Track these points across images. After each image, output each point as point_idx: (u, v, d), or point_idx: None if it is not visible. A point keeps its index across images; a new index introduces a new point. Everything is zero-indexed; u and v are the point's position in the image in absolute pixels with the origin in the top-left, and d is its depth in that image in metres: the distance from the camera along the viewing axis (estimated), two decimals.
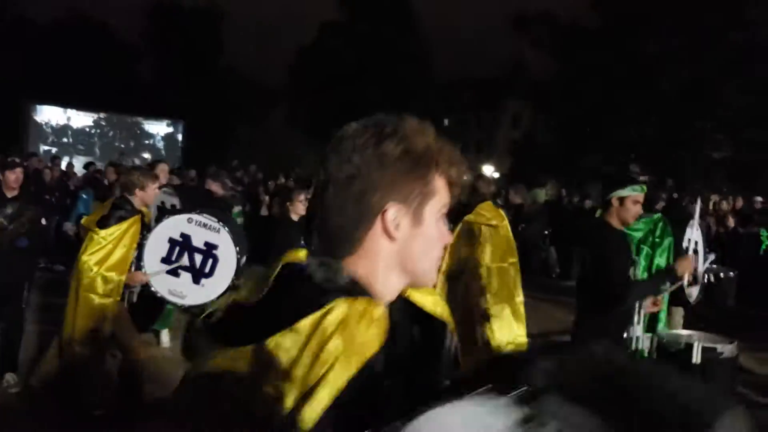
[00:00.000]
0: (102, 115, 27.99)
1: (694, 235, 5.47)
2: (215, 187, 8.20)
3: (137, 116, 29.15)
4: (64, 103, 27.22)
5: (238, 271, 4.75)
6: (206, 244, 4.81)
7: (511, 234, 5.86)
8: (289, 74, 39.11)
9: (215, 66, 36.96)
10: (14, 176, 5.44)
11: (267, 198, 13.32)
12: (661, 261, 5.30)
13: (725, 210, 12.60)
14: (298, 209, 5.49)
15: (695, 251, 5.51)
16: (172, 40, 35.32)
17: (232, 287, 4.54)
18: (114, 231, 4.62)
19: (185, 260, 4.76)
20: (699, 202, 5.66)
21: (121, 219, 4.71)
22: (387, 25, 34.03)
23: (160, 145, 29.05)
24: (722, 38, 25.40)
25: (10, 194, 5.45)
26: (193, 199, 6.96)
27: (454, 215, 5.74)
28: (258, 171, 18.67)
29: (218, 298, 4.13)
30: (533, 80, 35.10)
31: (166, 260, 4.78)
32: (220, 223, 4.86)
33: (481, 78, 46.91)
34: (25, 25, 33.26)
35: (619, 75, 26.91)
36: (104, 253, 4.55)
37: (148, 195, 4.89)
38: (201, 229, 4.81)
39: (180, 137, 29.50)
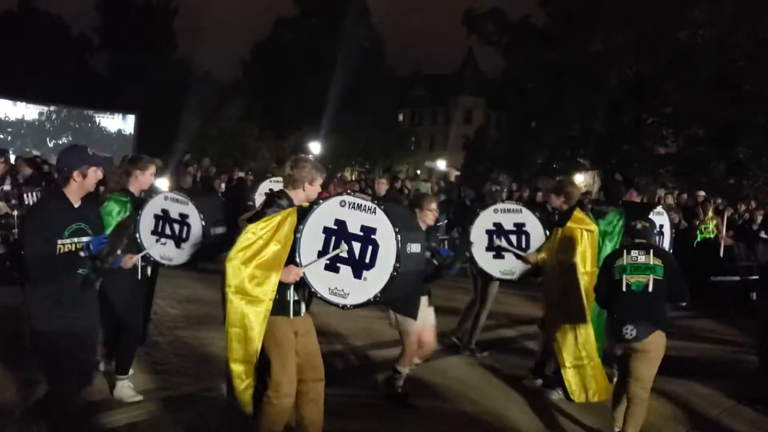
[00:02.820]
0: (53, 107, 27.39)
1: (661, 219, 6.74)
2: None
3: (89, 109, 28.62)
4: (15, 95, 26.57)
5: (398, 258, 3.99)
6: (363, 228, 4.14)
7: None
8: (243, 69, 38.91)
9: (168, 60, 36.56)
10: None
11: (224, 190, 13.58)
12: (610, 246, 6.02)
13: (671, 204, 13.07)
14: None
15: (661, 233, 6.65)
16: (124, 33, 34.80)
17: (394, 278, 3.98)
18: (265, 225, 4.05)
19: (344, 250, 4.13)
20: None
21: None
22: (341, 20, 34.11)
23: (113, 138, 28.56)
24: (666, 36, 26.19)
25: None
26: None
27: (550, 221, 6.03)
28: (211, 165, 18.63)
29: (382, 293, 4.01)
30: (484, 77, 35.68)
31: (323, 254, 4.12)
32: (375, 202, 4.17)
33: (434, 74, 47.42)
34: None
35: (566, 72, 27.52)
36: (255, 250, 4.01)
37: (314, 190, 4.33)
38: (355, 211, 4.15)
39: (132, 130, 29.07)
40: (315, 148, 31.83)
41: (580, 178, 29.34)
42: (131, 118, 29.00)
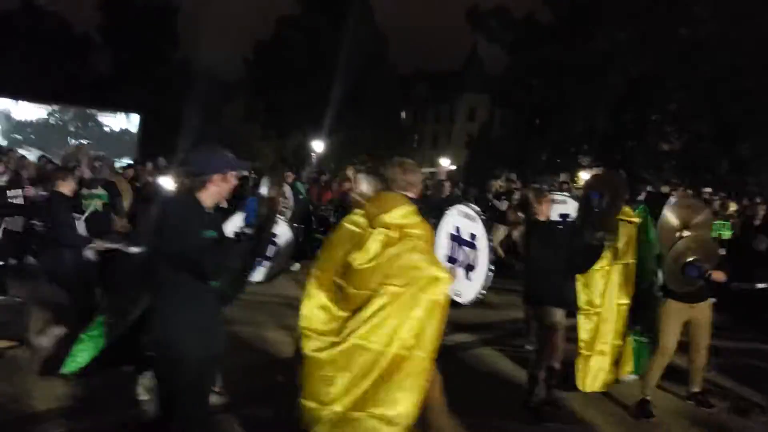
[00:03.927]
0: (56, 107, 27.42)
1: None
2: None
3: (92, 108, 28.66)
4: (17, 94, 26.60)
5: (491, 260, 4.44)
6: (471, 235, 4.57)
7: None
8: (246, 68, 38.88)
9: (171, 59, 36.55)
10: None
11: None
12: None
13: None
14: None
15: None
16: (126, 32, 34.81)
17: (490, 275, 4.35)
18: None
19: (466, 256, 4.53)
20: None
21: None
22: (343, 18, 34.05)
23: (116, 137, 28.61)
24: (669, 33, 26.11)
25: None
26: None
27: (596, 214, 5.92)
28: None
29: (483, 290, 4.27)
30: (488, 74, 35.58)
31: (450, 258, 4.54)
32: (477, 212, 4.67)
33: (438, 71, 47.30)
34: None
35: (569, 69, 27.45)
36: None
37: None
38: (465, 220, 4.62)
39: (135, 130, 29.11)
40: (318, 146, 31.80)
41: (585, 176, 29.25)
42: (135, 118, 29.05)
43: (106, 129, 28.83)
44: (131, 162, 16.96)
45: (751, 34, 25.23)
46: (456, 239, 4.47)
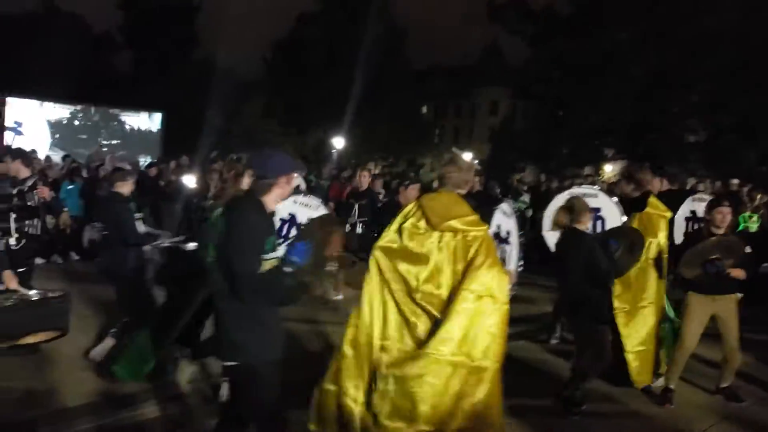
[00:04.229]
0: (79, 107, 27.71)
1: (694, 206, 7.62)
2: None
3: (115, 108, 28.93)
4: (40, 96, 26.91)
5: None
6: (507, 232, 4.99)
7: None
8: (265, 65, 39.02)
9: (192, 58, 36.80)
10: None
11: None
12: None
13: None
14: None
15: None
16: (147, 31, 35.09)
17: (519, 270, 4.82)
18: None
19: (503, 253, 4.99)
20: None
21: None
22: (361, 15, 33.99)
23: (139, 136, 28.87)
24: (692, 23, 25.68)
25: None
26: None
27: (626, 208, 6.01)
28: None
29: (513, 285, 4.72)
30: (509, 67, 35.32)
31: None
32: (513, 208, 5.22)
33: (458, 65, 47.09)
34: None
35: (591, 60, 27.15)
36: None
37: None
38: (504, 217, 4.98)
39: (158, 129, 29.35)
40: (338, 143, 31.81)
41: (609, 168, 28.98)
42: (157, 117, 29.27)
43: (130, 128, 29.08)
44: (153, 161, 17.11)
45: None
46: (497, 237, 4.48)
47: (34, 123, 26.36)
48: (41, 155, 17.11)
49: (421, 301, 3.83)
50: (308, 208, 6.07)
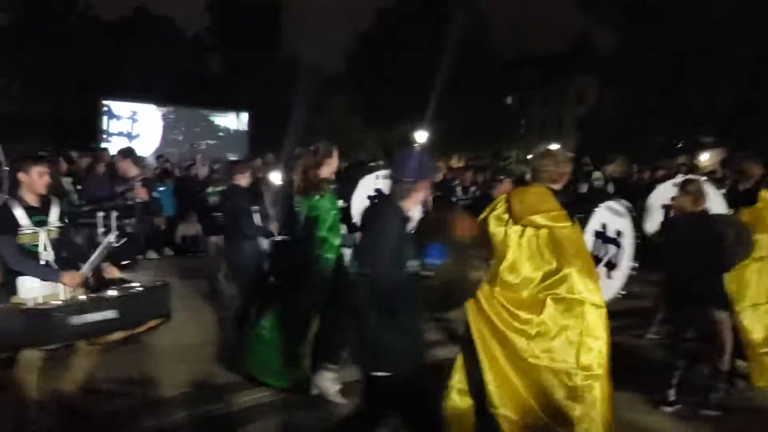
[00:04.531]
0: (170, 108, 28.79)
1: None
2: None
3: (205, 109, 29.92)
4: (133, 98, 28.12)
5: (635, 257, 4.44)
6: (617, 232, 4.46)
7: None
8: (348, 61, 39.32)
9: (277, 56, 37.56)
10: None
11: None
12: None
13: None
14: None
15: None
16: (233, 32, 36.05)
17: (630, 276, 4.36)
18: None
19: (607, 253, 4.38)
20: None
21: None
22: (444, 6, 33.71)
23: (228, 136, 29.76)
24: None
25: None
26: None
27: (734, 200, 5.68)
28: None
29: (622, 290, 4.32)
30: (598, 55, 34.14)
31: (594, 257, 4.23)
32: (626, 208, 4.57)
33: (545, 54, 46.00)
34: (92, 23, 34.56)
35: (684, 44, 25.88)
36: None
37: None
38: (612, 216, 4.46)
39: (246, 127, 30.16)
40: (421, 136, 31.71)
41: (705, 156, 27.63)
42: (244, 116, 30.07)
43: (219, 128, 30.01)
44: (240, 159, 17.54)
45: None
46: (601, 236, 4.25)
47: (130, 125, 27.65)
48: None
49: (499, 296, 3.72)
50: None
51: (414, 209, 3.31)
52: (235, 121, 30.20)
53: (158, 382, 5.33)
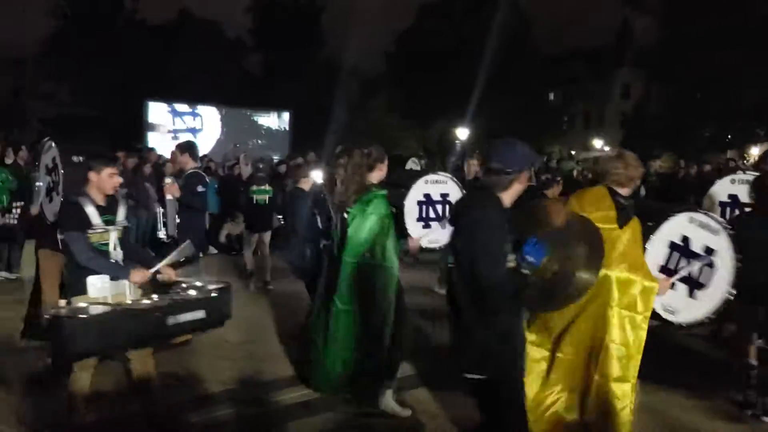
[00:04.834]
0: (223, 109, 29.25)
1: None
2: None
3: (248, 109, 30.30)
4: (177, 99, 28.60)
5: (733, 282, 4.06)
6: (706, 249, 4.08)
7: None
8: (387, 59, 39.29)
9: (317, 57, 37.80)
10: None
11: None
12: None
13: None
14: None
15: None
16: (274, 33, 36.40)
17: (726, 302, 4.02)
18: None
19: (687, 269, 4.01)
20: None
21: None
22: (485, 2, 33.40)
23: (270, 135, 30.09)
24: None
25: None
26: None
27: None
28: None
29: (713, 314, 4.02)
30: (642, 49, 33.42)
31: (664, 269, 4.00)
32: (721, 224, 4.19)
33: (588, 49, 45.24)
34: (138, 27, 35.29)
35: (733, 36, 25.15)
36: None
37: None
38: (700, 230, 4.10)
39: (287, 127, 30.45)
40: (462, 133, 31.52)
41: (756, 151, 26.86)
42: (286, 116, 30.36)
43: (261, 127, 30.37)
44: (281, 158, 17.74)
45: None
46: (679, 249, 3.93)
47: (174, 124, 28.14)
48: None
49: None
50: (439, 185, 6.16)
51: (511, 201, 3.10)
52: (276, 120, 30.53)
53: (203, 378, 5.40)
